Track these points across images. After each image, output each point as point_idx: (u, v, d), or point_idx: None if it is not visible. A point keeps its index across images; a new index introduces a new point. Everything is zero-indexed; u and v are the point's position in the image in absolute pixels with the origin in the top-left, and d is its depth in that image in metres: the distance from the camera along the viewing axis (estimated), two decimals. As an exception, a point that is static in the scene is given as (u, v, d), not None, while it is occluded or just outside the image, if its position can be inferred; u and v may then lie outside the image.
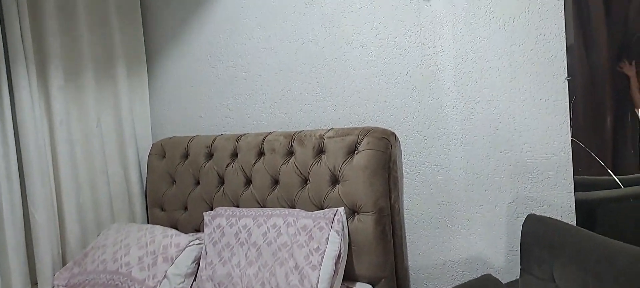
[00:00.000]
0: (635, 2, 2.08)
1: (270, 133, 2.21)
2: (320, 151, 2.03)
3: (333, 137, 2.01)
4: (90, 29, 2.45)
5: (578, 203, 1.75)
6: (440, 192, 1.95)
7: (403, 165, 2.02)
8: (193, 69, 2.55)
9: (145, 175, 2.65)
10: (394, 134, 1.99)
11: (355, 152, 1.95)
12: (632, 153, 2.95)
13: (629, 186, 2.09)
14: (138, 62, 2.68)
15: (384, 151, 1.92)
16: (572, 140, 1.69)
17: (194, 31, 2.52)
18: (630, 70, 2.66)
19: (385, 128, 2.01)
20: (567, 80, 1.68)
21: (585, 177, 2.27)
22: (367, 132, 1.96)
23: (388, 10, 1.96)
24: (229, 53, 2.41)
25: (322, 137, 2.04)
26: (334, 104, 2.14)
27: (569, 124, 1.70)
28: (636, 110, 2.90)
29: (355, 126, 2.08)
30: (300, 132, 2.12)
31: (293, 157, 2.09)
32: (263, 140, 2.19)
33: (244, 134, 2.29)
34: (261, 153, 2.20)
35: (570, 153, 1.70)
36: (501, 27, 1.77)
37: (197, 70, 2.54)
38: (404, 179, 2.02)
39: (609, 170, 1.87)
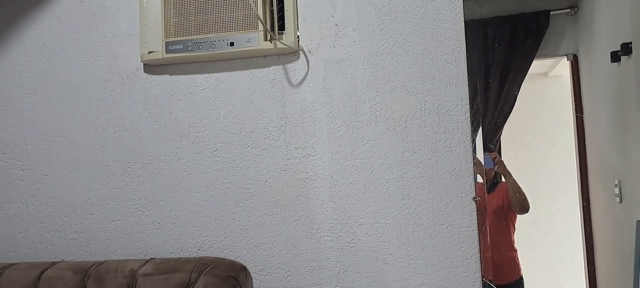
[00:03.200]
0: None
1: (53, 264, 1.44)
2: (130, 296, 1.33)
3: (152, 274, 1.33)
4: None
5: None
6: None
7: (256, 314, 1.41)
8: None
9: None
10: (245, 268, 1.38)
11: (187, 298, 1.29)
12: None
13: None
14: None
15: (231, 296, 1.30)
16: (484, 282, 1.28)
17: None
18: None
19: (233, 260, 1.39)
20: (475, 200, 1.29)
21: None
22: (204, 266, 1.32)
23: (241, 95, 1.43)
24: (-1, 140, 1.61)
25: (134, 274, 1.34)
26: (156, 221, 1.48)
27: (478, 259, 1.29)
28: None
29: (187, 256, 1.43)
30: (101, 263, 1.40)
31: (85, 306, 1.34)
32: (39, 277, 1.40)
33: (11, 265, 1.47)
34: (33, 298, 1.39)
35: (482, 298, 1.28)
36: (391, 127, 1.35)
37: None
38: (257, 334, 1.41)
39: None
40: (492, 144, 2.86)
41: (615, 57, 2.09)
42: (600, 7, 2.48)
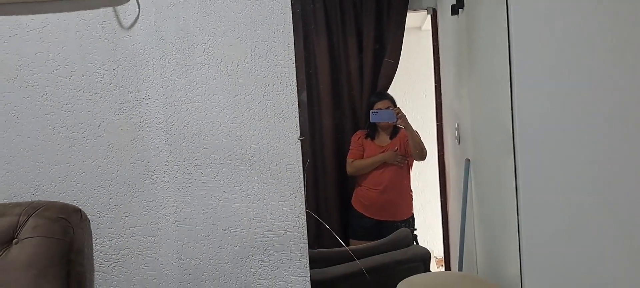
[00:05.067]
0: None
1: None
2: (-48, 243, 1.29)
3: (-24, 219, 1.30)
4: None
5: (314, 284, 1.46)
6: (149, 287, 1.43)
7: (94, 255, 1.43)
8: None
9: None
10: (78, 210, 1.39)
11: (13, 241, 1.28)
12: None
13: (363, 258, 1.97)
14: None
15: (62, 237, 1.31)
16: (306, 211, 1.41)
17: None
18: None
19: (67, 203, 1.40)
20: (300, 140, 1.40)
21: (320, 250, 2.07)
22: (34, 209, 1.32)
23: (70, 38, 1.40)
24: None
25: (-43, 220, 1.30)
26: (-15, 167, 1.43)
27: (302, 192, 1.41)
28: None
29: (18, 201, 1.41)
30: None
31: None
32: None
33: None
34: None
35: (305, 227, 1.41)
36: (223, 71, 1.40)
37: None
38: (96, 274, 1.43)
39: (343, 243, 1.68)
40: (385, 96, 3.02)
41: (454, 10, 2.28)
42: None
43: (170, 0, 1.39)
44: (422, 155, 2.88)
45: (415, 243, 2.87)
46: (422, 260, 2.16)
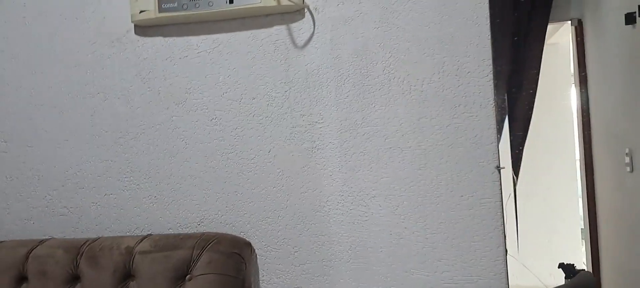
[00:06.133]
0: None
1: (42, 242, 1.34)
2: (127, 275, 1.23)
3: (150, 251, 1.24)
4: None
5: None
6: (318, 332, 1.29)
7: (262, 292, 1.32)
8: None
9: None
10: (249, 244, 1.29)
11: (188, 277, 1.20)
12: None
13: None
14: None
15: (235, 275, 1.21)
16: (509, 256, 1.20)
17: None
18: None
19: (236, 235, 1.30)
20: (499, 169, 1.20)
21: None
22: (207, 242, 1.23)
23: (241, 59, 1.32)
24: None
25: (131, 251, 1.25)
26: (152, 195, 1.37)
27: (502, 232, 1.20)
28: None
29: (188, 232, 1.33)
30: (95, 241, 1.30)
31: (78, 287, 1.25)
32: (27, 255, 1.30)
33: (-4, 243, 1.37)
34: (21, 279, 1.30)
35: (506, 273, 1.20)
36: (405, 91, 1.24)
37: None
38: (263, 314, 1.32)
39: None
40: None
41: (630, 19, 1.98)
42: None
43: (348, 15, 1.26)
44: None
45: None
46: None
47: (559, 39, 3.55)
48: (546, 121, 3.40)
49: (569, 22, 3.05)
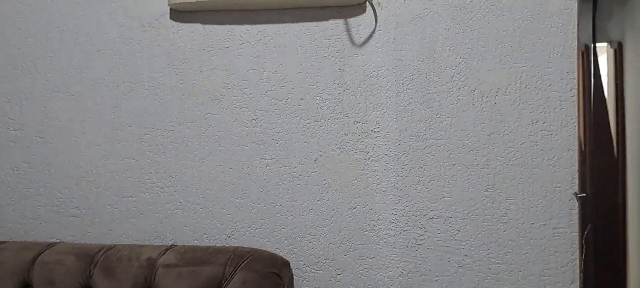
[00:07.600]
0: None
1: (50, 246, 1.18)
2: (147, 291, 1.08)
3: (175, 265, 1.08)
4: None
5: None
6: None
7: (298, 319, 1.17)
8: None
9: None
10: (287, 263, 1.14)
11: (220, 298, 1.05)
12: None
13: None
14: None
15: (274, 298, 1.05)
16: (586, 293, 1.06)
17: None
18: None
19: (273, 252, 1.15)
20: (578, 197, 1.06)
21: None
22: (240, 259, 1.08)
23: (290, 54, 1.18)
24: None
25: (153, 264, 1.09)
26: (177, 200, 1.22)
27: (577, 268, 1.06)
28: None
29: (216, 245, 1.18)
30: (111, 248, 1.14)
31: (91, 300, 1.09)
32: (33, 261, 1.14)
33: (1, 243, 1.21)
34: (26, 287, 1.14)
35: (582, 315, 1.06)
36: (476, 102, 1.11)
37: None
38: (299, 343, 1.17)
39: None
40: None
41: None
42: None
43: (415, 13, 1.13)
44: None
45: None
46: None
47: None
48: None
49: (608, 44, 2.93)
